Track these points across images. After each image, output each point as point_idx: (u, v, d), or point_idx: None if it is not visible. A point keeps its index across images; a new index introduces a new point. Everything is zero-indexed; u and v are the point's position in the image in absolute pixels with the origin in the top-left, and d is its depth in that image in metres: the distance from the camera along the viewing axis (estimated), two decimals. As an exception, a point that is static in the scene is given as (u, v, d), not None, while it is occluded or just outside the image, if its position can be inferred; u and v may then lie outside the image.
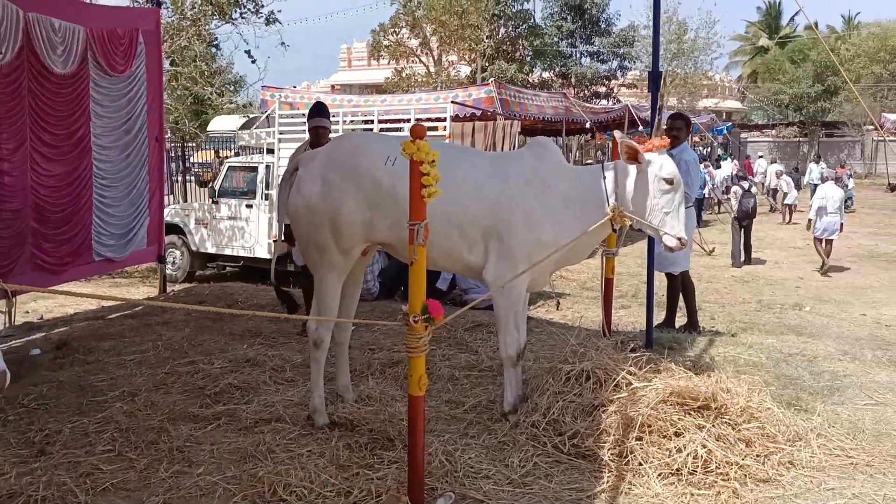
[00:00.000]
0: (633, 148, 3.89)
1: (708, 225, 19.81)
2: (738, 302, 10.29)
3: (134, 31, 7.64)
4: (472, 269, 4.14)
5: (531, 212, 3.96)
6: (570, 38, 31.59)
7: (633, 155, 3.90)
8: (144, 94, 7.85)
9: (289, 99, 13.81)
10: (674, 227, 3.91)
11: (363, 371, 5.21)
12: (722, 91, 45.92)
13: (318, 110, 6.24)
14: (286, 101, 13.76)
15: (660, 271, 7.13)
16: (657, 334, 6.38)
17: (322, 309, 4.19)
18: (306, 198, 4.10)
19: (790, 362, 5.51)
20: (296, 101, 13.59)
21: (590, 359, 4.21)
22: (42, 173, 6.79)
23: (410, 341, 3.19)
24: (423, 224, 3.14)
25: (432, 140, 4.49)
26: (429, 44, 23.38)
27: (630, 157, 3.91)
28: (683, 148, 6.68)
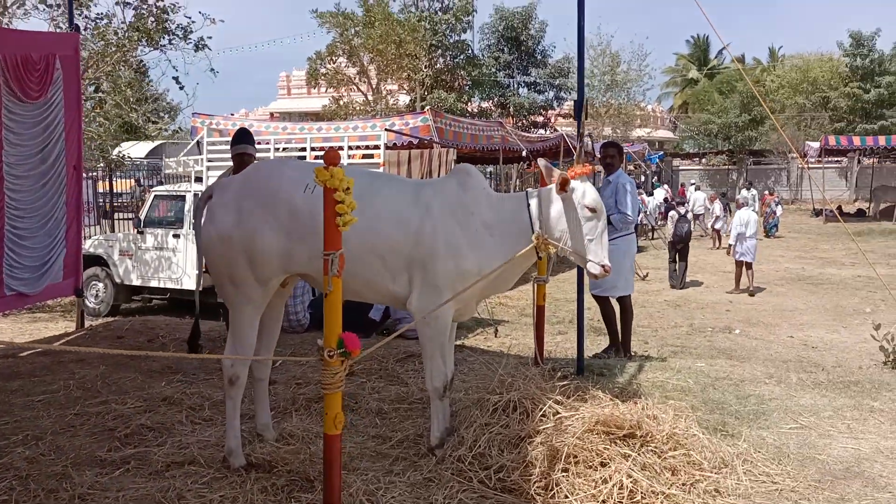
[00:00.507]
0: (565, 178, 3.87)
1: (642, 251, 20.18)
2: (671, 326, 10.43)
3: (51, 56, 7.36)
4: (397, 300, 4.02)
5: (455, 240, 3.88)
6: (507, 69, 32.06)
7: (564, 185, 3.88)
8: (62, 122, 7.55)
9: (219, 126, 13.53)
10: (597, 254, 3.89)
11: (287, 407, 5.01)
12: (654, 121, 47.17)
13: (243, 137, 6.08)
14: (217, 128, 13.50)
15: (599, 294, 7.15)
16: (603, 360, 6.36)
17: (238, 344, 4.01)
18: (219, 228, 3.93)
19: (717, 386, 5.53)
20: (227, 129, 13.33)
21: (517, 388, 4.13)
22: (-52, 203, 6.45)
23: (325, 377, 3.05)
24: (338, 254, 3.03)
25: (353, 167, 4.40)
26: (366, 72, 23.38)
27: (562, 187, 3.89)
28: (619, 174, 6.76)
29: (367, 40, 21.67)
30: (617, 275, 6.59)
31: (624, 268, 6.70)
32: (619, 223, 6.54)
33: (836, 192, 36.41)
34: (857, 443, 4.40)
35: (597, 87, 37.70)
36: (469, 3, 26.34)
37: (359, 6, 22.95)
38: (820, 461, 4.13)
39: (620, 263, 6.61)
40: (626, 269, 6.77)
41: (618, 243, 6.57)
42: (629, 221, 6.57)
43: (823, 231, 23.63)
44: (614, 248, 6.62)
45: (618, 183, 6.62)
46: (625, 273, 6.75)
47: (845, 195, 36.05)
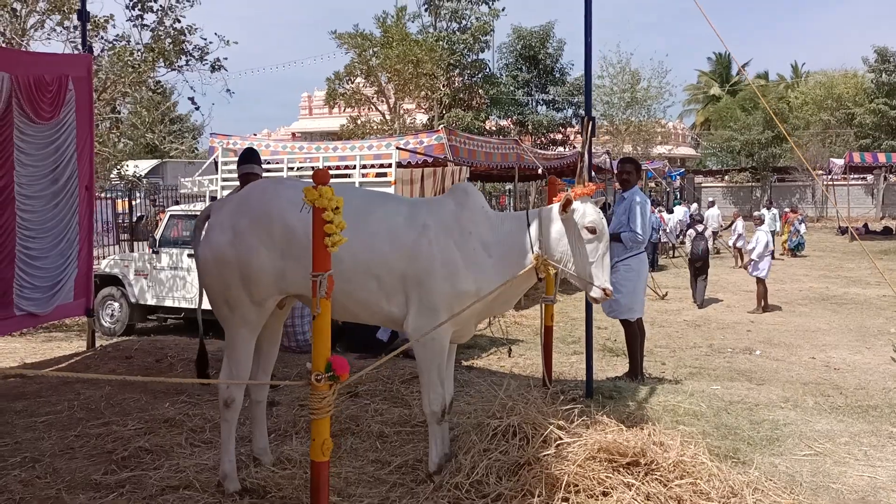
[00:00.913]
0: (568, 199, 3.79)
1: (663, 269, 19.95)
2: (689, 346, 10.24)
3: (63, 77, 7.42)
4: (393, 321, 3.94)
5: (451, 260, 3.80)
6: (525, 87, 32.04)
7: (566, 205, 3.80)
8: (74, 142, 7.59)
9: (236, 146, 13.62)
10: (598, 277, 3.78)
11: (288, 430, 4.93)
12: (676, 138, 46.90)
13: (249, 156, 6.05)
14: (233, 147, 13.59)
15: (614, 318, 7.01)
16: (612, 383, 6.22)
17: (233, 366, 3.95)
18: (214, 248, 3.89)
19: (731, 411, 5.37)
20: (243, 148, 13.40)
21: (518, 413, 4.01)
22: (-40, 224, 6.49)
23: (313, 402, 2.97)
24: (326, 275, 2.95)
25: (346, 186, 4.34)
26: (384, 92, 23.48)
27: (563, 208, 3.80)
28: (635, 191, 6.65)
29: (385, 60, 21.78)
30: (633, 296, 6.45)
31: (638, 289, 6.55)
32: (629, 241, 6.41)
33: (861, 209, 35.86)
34: (874, 471, 4.23)
35: (616, 104, 37.60)
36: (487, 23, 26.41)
37: (377, 27, 23.12)
38: (834, 490, 3.96)
39: (634, 284, 6.48)
40: (640, 290, 6.61)
41: (629, 263, 6.45)
42: (639, 240, 6.43)
43: (849, 249, 23.20)
44: (626, 269, 6.51)
45: (631, 200, 6.49)
46: (640, 294, 6.59)
47: (871, 212, 35.48)
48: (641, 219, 6.38)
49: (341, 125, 24.14)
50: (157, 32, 11.26)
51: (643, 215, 6.41)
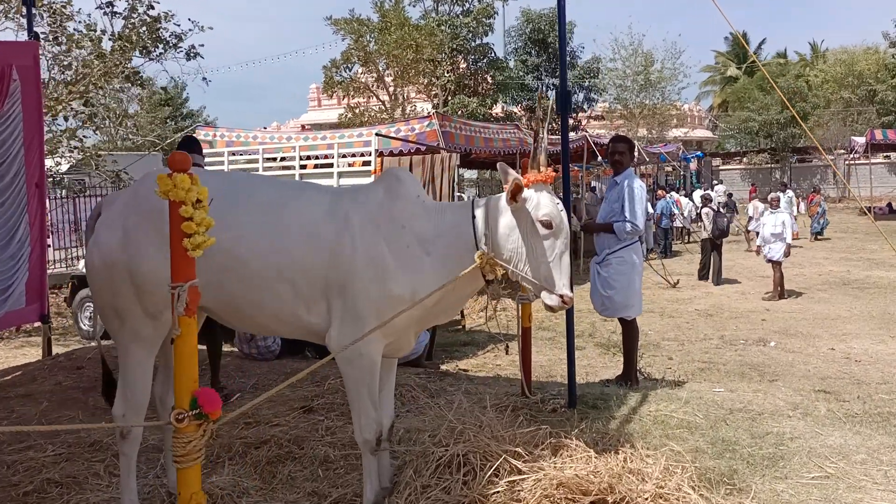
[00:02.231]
0: (518, 184, 3.14)
1: (677, 255, 19.21)
2: (699, 339, 9.58)
3: (6, 67, 6.84)
4: (315, 334, 3.32)
5: (380, 259, 3.17)
6: (535, 72, 31.26)
7: (515, 193, 3.15)
8: (20, 137, 7.02)
9: (224, 137, 13.11)
10: (554, 281, 3.13)
11: (221, 455, 4.33)
12: (692, 121, 45.79)
13: (190, 145, 5.47)
14: (223, 139, 13.07)
15: (609, 317, 6.36)
16: (599, 390, 5.59)
17: (128, 390, 3.36)
18: (102, 249, 3.29)
19: (731, 421, 4.70)
20: (232, 140, 12.88)
21: (467, 440, 3.38)
22: None
23: (177, 448, 2.36)
24: (187, 286, 2.34)
25: (247, 174, 3.72)
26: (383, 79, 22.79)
27: (513, 196, 3.15)
28: (628, 174, 5.95)
29: (383, 46, 21.09)
30: (628, 292, 5.80)
31: (634, 283, 5.85)
32: (623, 232, 5.73)
33: (885, 188, 34.68)
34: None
35: (630, 87, 36.71)
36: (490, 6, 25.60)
37: (374, 11, 22.42)
38: (847, 527, 3.30)
39: (629, 278, 5.81)
40: (636, 284, 5.91)
41: (622, 255, 5.78)
42: (636, 231, 5.74)
43: (872, 230, 22.24)
44: (619, 262, 5.83)
45: (624, 185, 5.81)
46: (636, 289, 5.89)
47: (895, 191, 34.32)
48: (638, 206, 5.69)
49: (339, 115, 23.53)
50: (129, 21, 10.71)
51: (639, 202, 5.71)
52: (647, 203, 5.92)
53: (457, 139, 11.83)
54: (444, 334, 9.95)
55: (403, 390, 5.34)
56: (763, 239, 12.56)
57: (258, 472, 4.09)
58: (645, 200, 5.91)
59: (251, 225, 3.17)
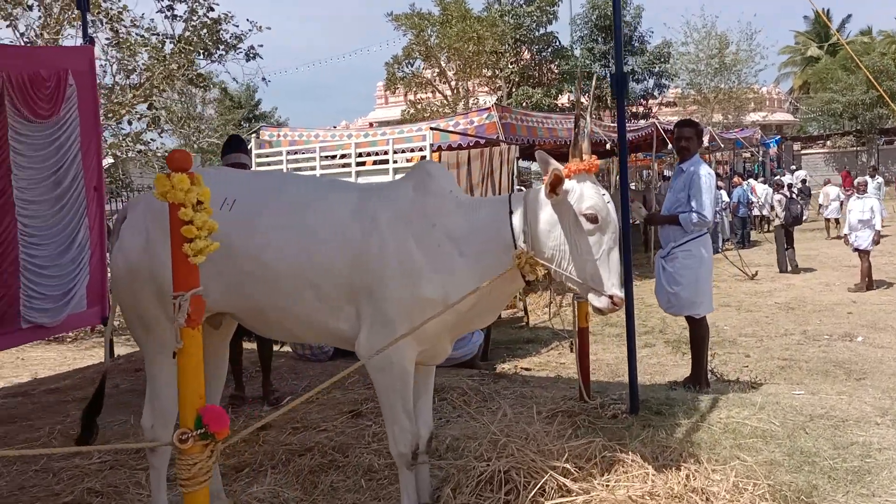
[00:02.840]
0: (557, 175, 2.85)
1: (756, 245, 18.40)
2: (780, 334, 9.04)
3: (62, 72, 6.91)
4: (344, 340, 3.12)
5: (410, 260, 2.94)
6: (602, 60, 30.51)
7: (554, 185, 2.86)
8: (77, 141, 7.08)
9: (287, 137, 13.15)
10: (602, 280, 2.84)
11: (263, 463, 4.19)
12: (771, 104, 43.94)
13: (234, 144, 5.36)
14: (286, 139, 13.12)
15: (675, 315, 5.98)
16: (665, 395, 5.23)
17: (155, 401, 3.23)
18: (126, 254, 3.17)
19: (811, 429, 4.28)
20: (295, 139, 12.91)
21: (510, 454, 3.12)
22: (-46, 233, 6.08)
23: (181, 470, 2.19)
24: (189, 296, 2.15)
25: (280, 173, 3.54)
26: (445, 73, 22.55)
27: (552, 188, 2.87)
28: (694, 161, 5.54)
29: (444, 39, 20.83)
30: (695, 288, 5.42)
31: (702, 279, 5.44)
32: (688, 224, 5.33)
33: None
34: None
35: (703, 71, 35.47)
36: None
37: (435, 5, 22.17)
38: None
39: (696, 273, 5.41)
40: (705, 280, 5.51)
41: (689, 248, 5.38)
42: (704, 222, 5.33)
43: (971, 215, 20.81)
44: (685, 255, 5.44)
45: (692, 173, 5.41)
46: (705, 285, 5.48)
47: None
48: (706, 195, 5.28)
49: (402, 111, 23.41)
50: (189, 23, 10.79)
51: (707, 191, 5.30)
52: (718, 192, 5.49)
53: (518, 130, 11.53)
54: (507, 331, 9.69)
55: (454, 394, 5.11)
56: (850, 226, 11.79)
57: (300, 481, 3.92)
58: (713, 189, 5.48)
59: (274, 227, 2.99)
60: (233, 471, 4.17)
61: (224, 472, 4.16)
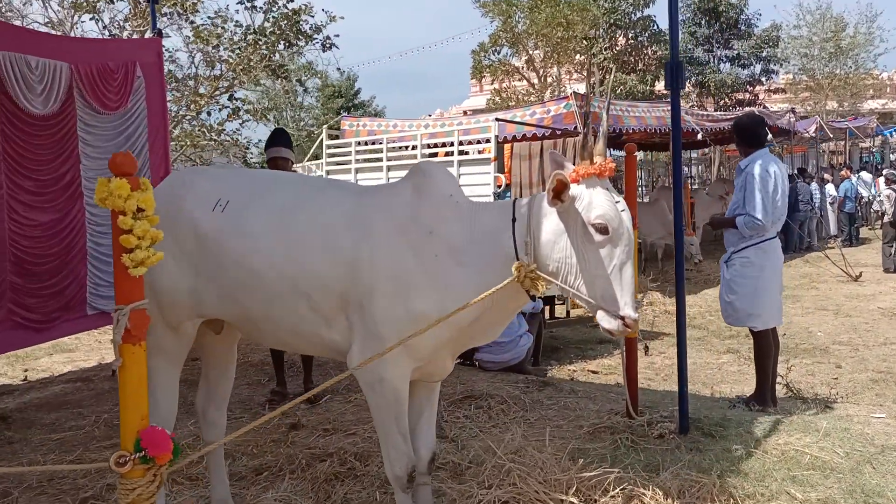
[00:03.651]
0: (561, 180, 2.56)
1: (865, 243, 17.19)
2: (878, 343, 8.35)
3: (130, 64, 7.04)
4: (339, 353, 2.93)
5: (403, 272, 2.71)
6: (706, 44, 29.14)
7: (558, 191, 2.57)
8: (145, 132, 7.22)
9: (366, 127, 13.14)
10: (613, 299, 2.53)
11: (283, 466, 4.08)
12: (892, 91, 40.94)
13: (277, 139, 5.27)
14: (364, 128, 13.11)
15: (733, 325, 5.53)
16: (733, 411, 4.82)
17: (152, 404, 3.13)
18: None
19: (880, 463, 3.79)
20: (373, 129, 12.89)
21: (512, 482, 2.85)
22: (23, 223, 6.25)
23: (121, 495, 2.05)
24: (128, 310, 2.01)
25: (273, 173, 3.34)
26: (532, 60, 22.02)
27: (555, 194, 2.58)
28: (753, 157, 5.04)
29: (532, 25, 20.32)
30: (753, 299, 4.97)
31: (762, 288, 4.96)
32: (746, 228, 4.88)
33: None
34: None
35: (817, 56, 33.42)
36: (652, -24, 24.03)
37: (524, -10, 21.67)
38: None
39: (755, 283, 4.95)
40: (767, 290, 5.01)
41: (748, 255, 4.94)
42: (756, 226, 4.86)
43: None
44: (743, 263, 4.99)
45: (747, 171, 4.95)
46: (766, 296, 5.01)
47: None
48: (760, 195, 4.81)
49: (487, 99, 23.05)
50: (269, 14, 10.89)
51: (762, 190, 4.82)
52: (809, 187, 4.93)
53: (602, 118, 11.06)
54: (581, 330, 9.34)
55: (493, 402, 4.87)
56: None
57: (314, 489, 3.79)
58: (773, 187, 4.92)
59: (263, 232, 2.82)
60: (253, 473, 4.09)
61: (244, 473, 4.10)
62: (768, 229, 4.88)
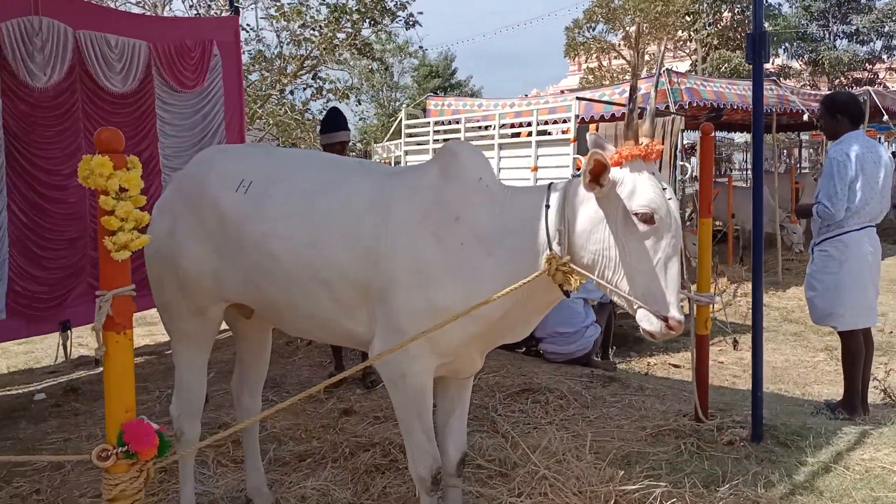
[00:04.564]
0: (599, 161, 2.28)
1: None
2: None
3: (207, 42, 7.10)
4: (363, 344, 2.76)
5: (425, 262, 2.49)
6: (821, 19, 27.36)
7: (596, 174, 2.30)
8: (221, 110, 7.28)
9: (451, 107, 12.94)
10: (654, 296, 2.24)
11: (326, 455, 3.97)
12: None
13: (331, 122, 5.11)
14: (449, 108, 12.92)
15: (817, 324, 5.05)
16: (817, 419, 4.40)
17: (179, 390, 3.08)
18: (154, 237, 3.00)
19: (983, 490, 3.33)
20: (458, 109, 12.68)
21: (543, 491, 2.61)
22: (104, 199, 6.44)
23: (105, 489, 1.95)
24: (109, 296, 1.89)
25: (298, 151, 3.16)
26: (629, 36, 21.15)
27: (593, 178, 2.31)
28: (840, 142, 4.54)
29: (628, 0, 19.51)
30: (834, 297, 4.51)
31: (845, 286, 4.48)
32: (818, 216, 4.42)
33: None
34: None
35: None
36: (762, -55, 22.58)
37: (621, -37, 20.79)
38: None
39: (836, 280, 4.48)
40: (849, 287, 4.50)
41: (826, 249, 4.48)
42: (828, 215, 4.36)
43: None
44: (822, 257, 4.53)
45: (829, 155, 4.48)
46: (848, 294, 4.52)
47: None
48: (836, 182, 4.31)
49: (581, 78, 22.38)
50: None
51: (839, 177, 4.31)
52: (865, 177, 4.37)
53: (703, 94, 10.49)
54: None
55: (552, 397, 4.60)
56: None
57: (354, 480, 3.66)
58: (853, 173, 4.37)
59: (284, 215, 2.67)
60: (296, 459, 4.01)
61: (288, 459, 4.02)
62: (838, 218, 4.38)
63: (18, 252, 5.86)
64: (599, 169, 2.25)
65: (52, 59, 5.98)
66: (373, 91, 40.07)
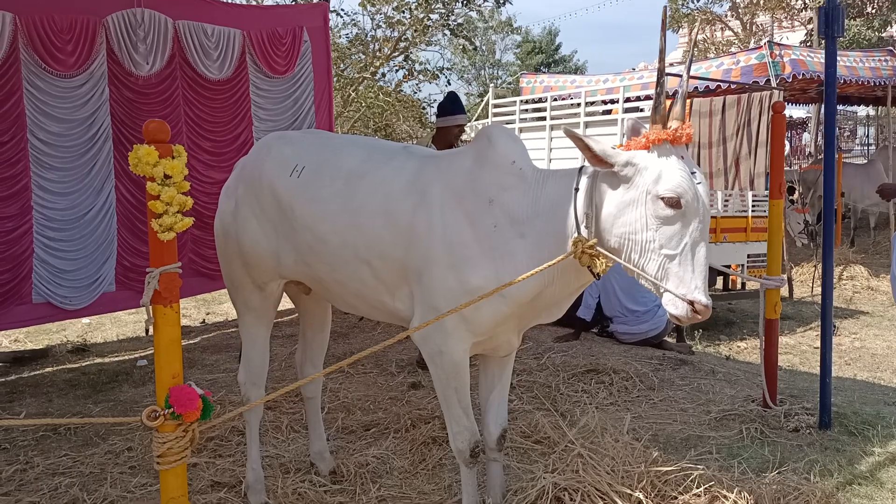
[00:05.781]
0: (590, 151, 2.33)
1: None
2: None
3: (297, 28, 7.38)
4: (403, 320, 2.89)
5: (459, 242, 2.58)
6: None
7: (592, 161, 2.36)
8: (311, 95, 7.56)
9: (544, 83, 12.86)
10: (679, 280, 2.25)
11: (390, 425, 4.16)
12: None
13: (451, 104, 5.19)
14: (541, 84, 12.85)
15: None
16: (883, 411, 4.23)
17: (245, 360, 3.31)
18: (220, 217, 3.25)
19: None
20: (549, 86, 12.58)
21: (575, 469, 2.67)
22: (203, 180, 6.82)
23: (155, 447, 2.17)
24: (158, 273, 2.09)
25: (344, 136, 3.26)
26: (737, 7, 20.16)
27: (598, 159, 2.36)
28: None
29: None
30: None
31: None
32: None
33: None
34: None
35: None
36: None
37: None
38: None
39: None
40: None
41: None
42: None
43: None
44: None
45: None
46: None
47: None
48: None
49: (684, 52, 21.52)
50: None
51: None
52: None
53: (810, 66, 9.95)
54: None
55: (617, 378, 4.61)
56: None
57: (412, 450, 3.83)
58: None
59: (330, 197, 2.83)
60: (362, 428, 4.21)
61: (354, 428, 4.22)
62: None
63: (126, 229, 6.34)
64: (590, 158, 2.31)
65: (154, 49, 6.39)
66: (474, 70, 39.92)
